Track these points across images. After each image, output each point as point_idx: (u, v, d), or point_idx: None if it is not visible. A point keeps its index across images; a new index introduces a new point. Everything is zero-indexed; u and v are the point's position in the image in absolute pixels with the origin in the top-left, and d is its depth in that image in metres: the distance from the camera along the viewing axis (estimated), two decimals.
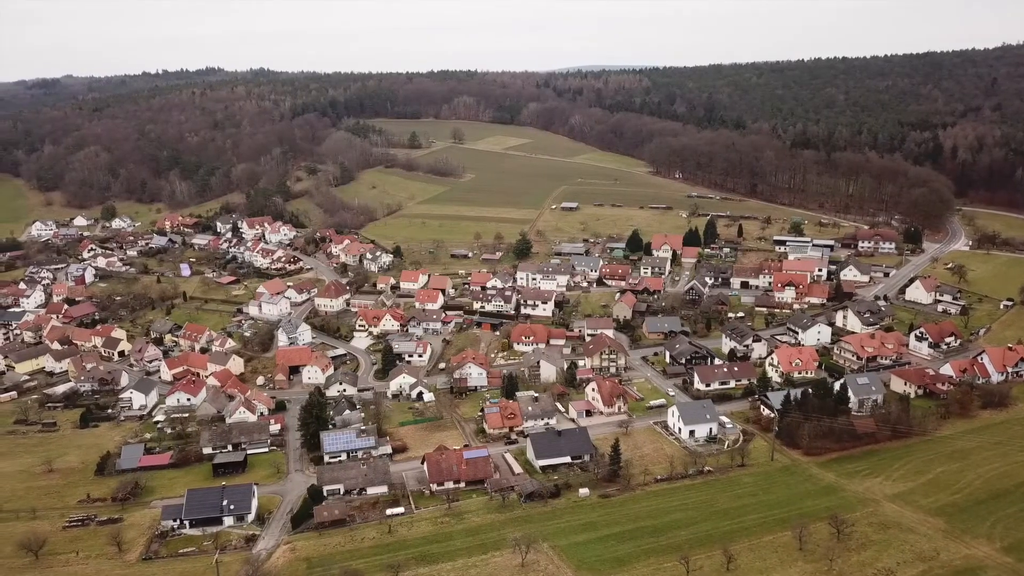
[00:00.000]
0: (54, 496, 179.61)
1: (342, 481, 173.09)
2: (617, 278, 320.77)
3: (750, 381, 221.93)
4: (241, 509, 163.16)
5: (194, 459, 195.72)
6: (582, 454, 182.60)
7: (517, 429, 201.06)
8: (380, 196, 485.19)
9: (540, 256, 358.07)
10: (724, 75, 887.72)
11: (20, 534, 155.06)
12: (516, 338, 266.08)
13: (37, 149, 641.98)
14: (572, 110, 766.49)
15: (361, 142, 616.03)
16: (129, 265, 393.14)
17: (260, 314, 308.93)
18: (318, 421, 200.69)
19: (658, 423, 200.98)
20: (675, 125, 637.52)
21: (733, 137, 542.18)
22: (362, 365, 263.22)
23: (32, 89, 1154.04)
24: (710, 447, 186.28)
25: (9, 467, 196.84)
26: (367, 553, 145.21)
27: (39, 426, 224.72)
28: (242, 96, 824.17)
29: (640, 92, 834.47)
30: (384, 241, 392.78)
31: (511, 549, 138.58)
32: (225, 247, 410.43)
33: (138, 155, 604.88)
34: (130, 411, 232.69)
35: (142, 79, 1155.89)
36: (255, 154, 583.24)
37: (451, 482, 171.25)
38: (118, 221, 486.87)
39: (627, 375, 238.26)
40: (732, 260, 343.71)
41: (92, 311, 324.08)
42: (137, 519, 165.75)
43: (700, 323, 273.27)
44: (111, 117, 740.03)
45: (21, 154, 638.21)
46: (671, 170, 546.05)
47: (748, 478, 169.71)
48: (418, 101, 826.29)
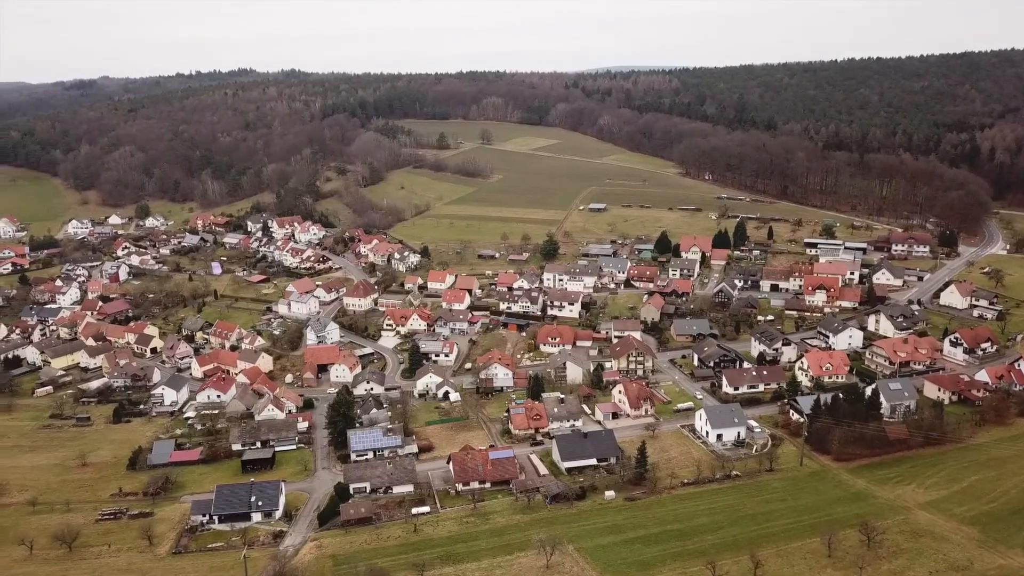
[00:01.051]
0: (87, 490, 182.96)
1: (368, 479, 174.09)
2: (645, 280, 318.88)
3: (779, 385, 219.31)
4: (269, 505, 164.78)
5: (223, 455, 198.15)
6: (608, 456, 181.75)
7: (543, 430, 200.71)
8: (408, 196, 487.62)
9: (567, 257, 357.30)
10: (755, 75, 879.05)
11: (55, 526, 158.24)
12: (542, 339, 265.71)
13: (74, 149, 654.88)
14: (601, 111, 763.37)
15: (390, 143, 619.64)
16: (162, 263, 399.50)
17: (289, 313, 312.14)
18: (345, 419, 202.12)
19: (685, 426, 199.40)
20: (705, 126, 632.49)
21: (764, 138, 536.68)
22: (389, 364, 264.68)
23: (70, 90, 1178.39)
24: (738, 451, 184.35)
25: (45, 460, 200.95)
26: (392, 551, 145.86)
27: (74, 420, 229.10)
28: (273, 97, 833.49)
29: (670, 93, 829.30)
30: (412, 241, 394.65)
31: (536, 550, 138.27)
32: (255, 246, 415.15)
33: (171, 155, 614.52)
34: (161, 407, 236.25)
35: (176, 80, 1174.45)
36: (286, 154, 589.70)
37: (476, 482, 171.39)
38: (151, 220, 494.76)
39: (654, 378, 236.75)
40: (762, 263, 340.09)
41: (126, 308, 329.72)
42: (167, 513, 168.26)
43: (729, 326, 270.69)
44: (145, 117, 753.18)
45: (59, 154, 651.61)
46: (701, 171, 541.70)
47: (776, 483, 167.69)
48: (447, 102, 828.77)
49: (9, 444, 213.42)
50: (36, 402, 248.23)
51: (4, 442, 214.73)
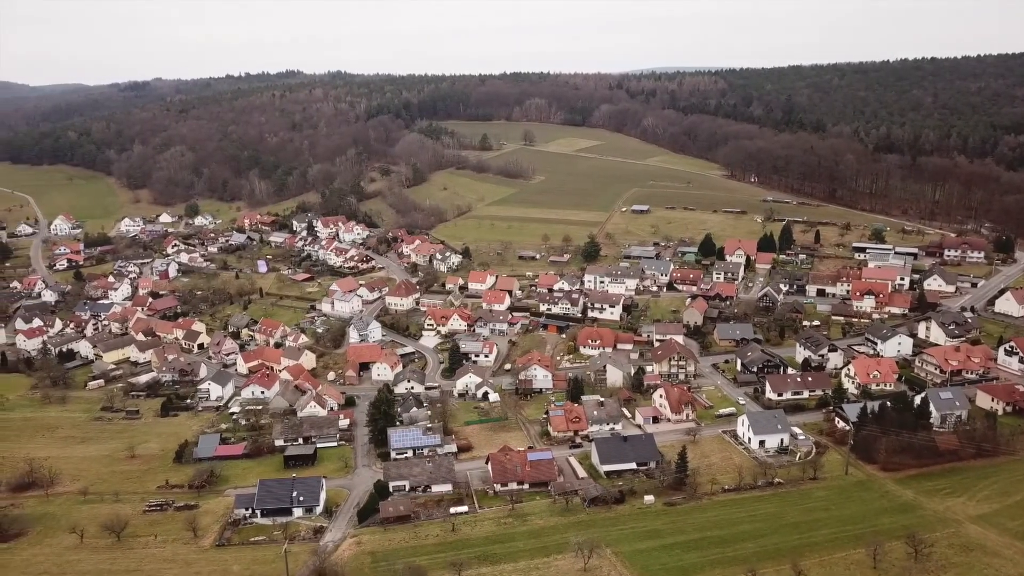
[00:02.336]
0: (135, 481, 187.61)
1: (408, 478, 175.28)
2: (688, 283, 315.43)
3: (824, 392, 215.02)
4: (310, 501, 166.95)
5: (266, 450, 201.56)
6: (648, 461, 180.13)
7: (582, 433, 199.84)
8: (451, 197, 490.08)
9: (609, 259, 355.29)
10: (804, 76, 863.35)
11: (104, 516, 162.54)
12: (582, 341, 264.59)
13: (127, 149, 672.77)
14: (645, 112, 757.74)
15: (433, 144, 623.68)
16: (210, 261, 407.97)
17: (332, 311, 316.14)
18: (386, 417, 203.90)
19: (727, 432, 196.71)
20: (751, 128, 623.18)
21: (812, 140, 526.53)
22: (430, 363, 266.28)
23: (124, 91, 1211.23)
24: (781, 458, 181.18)
25: (95, 452, 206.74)
26: (430, 550, 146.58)
27: (123, 413, 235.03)
28: (319, 98, 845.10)
29: (715, 94, 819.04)
30: (453, 242, 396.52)
31: (574, 553, 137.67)
32: (300, 245, 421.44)
33: (220, 155, 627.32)
34: (207, 402, 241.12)
35: (226, 81, 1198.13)
36: (331, 155, 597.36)
37: (515, 483, 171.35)
38: (200, 219, 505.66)
39: (696, 382, 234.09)
40: (808, 267, 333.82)
41: (174, 304, 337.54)
42: (212, 506, 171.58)
43: (773, 331, 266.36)
44: (196, 118, 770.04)
45: (113, 153, 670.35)
46: (746, 174, 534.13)
47: (820, 492, 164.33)
48: (490, 103, 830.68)
49: (62, 435, 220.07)
50: (88, 395, 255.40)
51: (58, 433, 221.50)
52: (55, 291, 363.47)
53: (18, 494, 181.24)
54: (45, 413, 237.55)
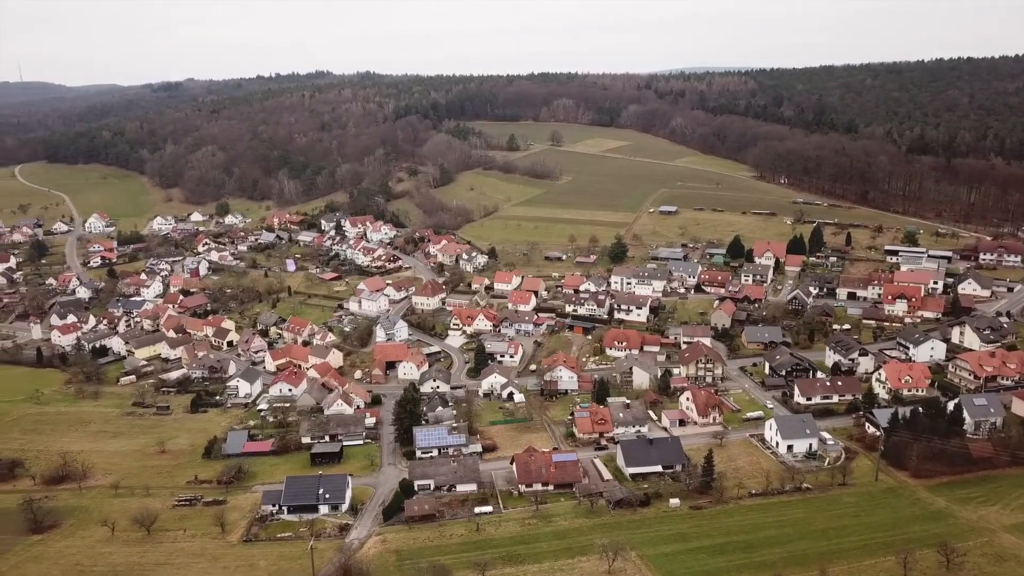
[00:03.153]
0: (165, 476, 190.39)
1: (433, 477, 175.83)
2: (716, 285, 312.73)
3: (855, 397, 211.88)
4: (336, 499, 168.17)
5: (293, 448, 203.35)
6: (674, 464, 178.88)
7: (607, 435, 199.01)
8: (477, 198, 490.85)
9: (636, 260, 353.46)
10: (836, 76, 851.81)
11: (134, 510, 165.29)
12: (609, 343, 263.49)
13: (160, 148, 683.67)
14: (673, 112, 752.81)
15: (461, 144, 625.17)
16: (239, 259, 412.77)
17: (360, 310, 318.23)
18: (411, 416, 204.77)
19: (755, 436, 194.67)
20: (781, 128, 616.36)
21: (844, 141, 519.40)
22: (455, 363, 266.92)
23: (157, 92, 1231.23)
24: (809, 463, 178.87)
25: (126, 446, 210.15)
26: (455, 549, 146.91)
27: (154, 409, 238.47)
28: (348, 98, 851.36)
29: (745, 94, 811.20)
30: (480, 242, 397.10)
31: (598, 555, 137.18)
32: (328, 244, 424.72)
33: (251, 155, 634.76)
34: (236, 399, 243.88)
35: (256, 82, 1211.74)
36: (359, 155, 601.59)
37: (539, 484, 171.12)
38: (230, 217, 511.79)
39: (723, 385, 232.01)
40: (839, 270, 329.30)
41: (205, 302, 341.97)
42: (239, 502, 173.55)
43: (802, 334, 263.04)
44: (227, 118, 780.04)
45: (146, 153, 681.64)
46: (776, 175, 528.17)
47: (849, 498, 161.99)
48: (518, 103, 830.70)
49: (95, 429, 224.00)
50: (120, 390, 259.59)
51: (90, 427, 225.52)
52: (89, 288, 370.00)
53: (52, 487, 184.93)
54: (79, 408, 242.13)
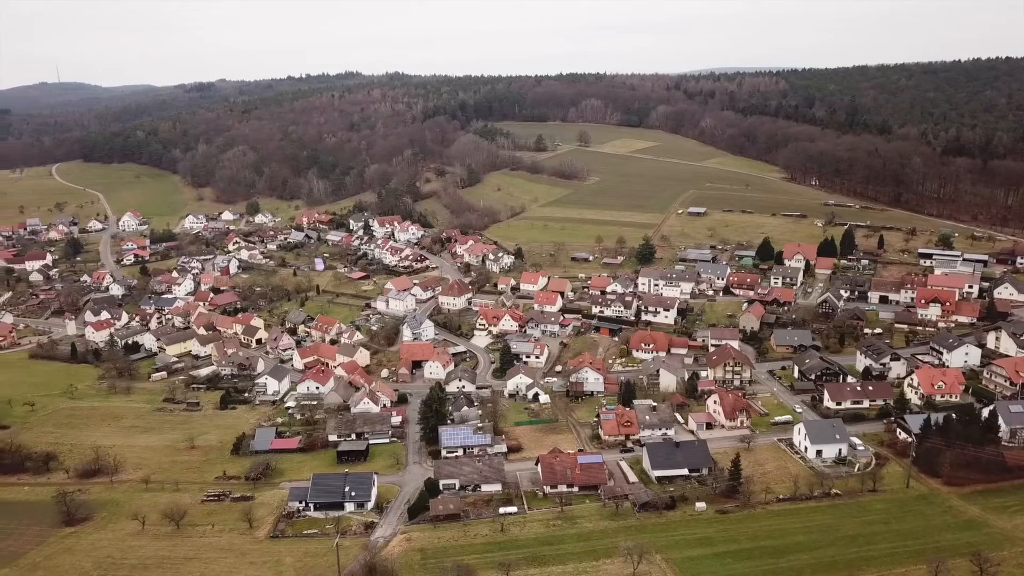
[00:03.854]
0: (194, 471, 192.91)
1: (458, 476, 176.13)
2: (745, 287, 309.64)
3: (886, 402, 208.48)
4: (362, 496, 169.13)
5: (320, 445, 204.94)
6: (700, 467, 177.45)
7: (633, 437, 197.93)
8: (504, 198, 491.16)
9: (664, 262, 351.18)
10: (869, 77, 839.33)
11: (164, 504, 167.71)
12: (635, 345, 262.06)
13: (192, 148, 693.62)
14: (703, 113, 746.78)
15: (488, 144, 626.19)
16: (269, 258, 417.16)
17: (387, 309, 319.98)
18: (437, 416, 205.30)
19: (783, 440, 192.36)
20: (813, 129, 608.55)
21: (877, 142, 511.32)
22: (481, 363, 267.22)
23: (190, 92, 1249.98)
24: (838, 469, 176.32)
25: (157, 441, 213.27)
26: (479, 549, 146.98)
27: (184, 405, 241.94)
28: (377, 99, 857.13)
29: (776, 95, 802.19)
30: (506, 242, 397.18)
31: (623, 558, 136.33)
32: (357, 244, 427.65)
33: (281, 154, 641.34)
34: (264, 396, 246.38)
35: (287, 83, 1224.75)
36: (388, 155, 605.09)
37: (564, 485, 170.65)
38: (260, 216, 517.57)
39: (751, 389, 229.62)
40: (871, 273, 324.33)
41: (234, 300, 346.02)
42: (267, 498, 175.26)
43: (833, 338, 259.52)
44: (258, 119, 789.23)
45: (178, 152, 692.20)
46: (807, 176, 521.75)
47: (880, 504, 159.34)
48: (546, 104, 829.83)
49: (127, 424, 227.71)
50: (151, 386, 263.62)
51: (122, 422, 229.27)
52: (122, 285, 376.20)
53: (85, 480, 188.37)
54: (111, 403, 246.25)
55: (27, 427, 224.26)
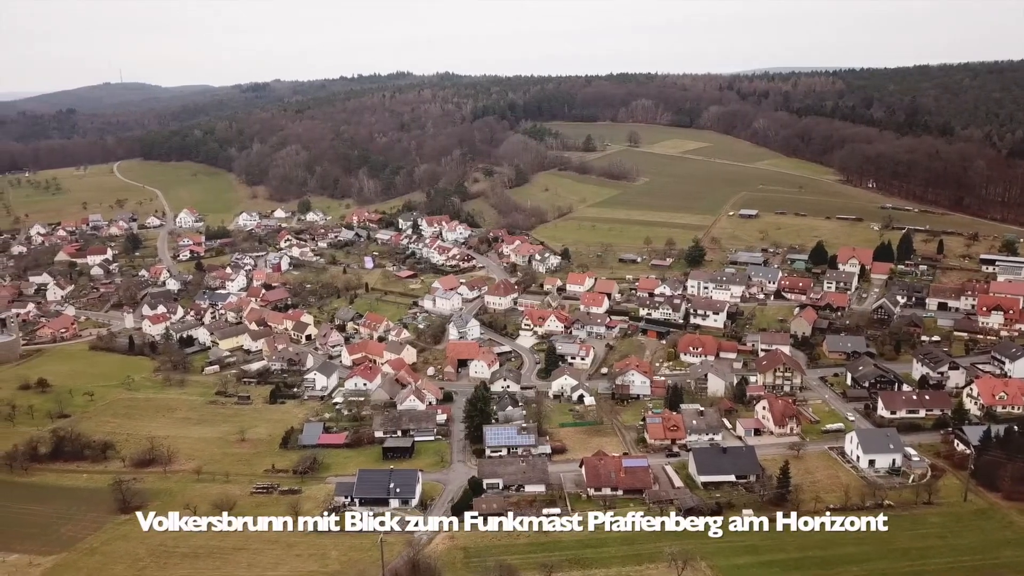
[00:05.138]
0: (244, 464, 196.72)
1: (501, 476, 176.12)
2: (797, 291, 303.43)
3: (943, 412, 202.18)
4: (406, 493, 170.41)
5: (366, 441, 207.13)
6: (748, 474, 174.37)
7: (679, 442, 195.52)
8: (552, 198, 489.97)
9: (713, 264, 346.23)
10: (931, 76, 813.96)
11: (215, 495, 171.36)
12: (683, 348, 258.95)
13: (247, 147, 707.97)
14: (756, 114, 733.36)
15: (537, 145, 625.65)
16: (319, 256, 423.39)
17: (434, 308, 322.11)
18: (482, 415, 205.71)
19: (834, 448, 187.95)
20: (870, 131, 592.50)
21: (938, 144, 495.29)
22: (526, 363, 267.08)
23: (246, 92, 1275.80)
24: (892, 479, 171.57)
25: (210, 434, 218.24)
26: (522, 550, 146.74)
27: (235, 399, 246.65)
28: (427, 99, 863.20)
29: (832, 95, 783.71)
30: (553, 243, 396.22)
31: (667, 563, 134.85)
32: (405, 243, 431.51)
33: (332, 154, 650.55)
34: (313, 391, 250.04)
35: (340, 83, 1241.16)
36: (437, 155, 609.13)
37: (608, 488, 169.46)
38: (312, 215, 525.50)
39: (802, 395, 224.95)
40: (929, 279, 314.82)
41: (285, 296, 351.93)
42: (313, 492, 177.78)
43: (888, 345, 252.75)
44: (311, 118, 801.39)
45: (234, 151, 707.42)
46: (863, 179, 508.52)
47: (935, 518, 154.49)
48: (595, 104, 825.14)
49: (181, 416, 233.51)
50: (204, 379, 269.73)
51: (176, 414, 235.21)
52: (178, 280, 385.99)
53: (140, 469, 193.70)
54: (166, 395, 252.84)
55: (87, 416, 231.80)
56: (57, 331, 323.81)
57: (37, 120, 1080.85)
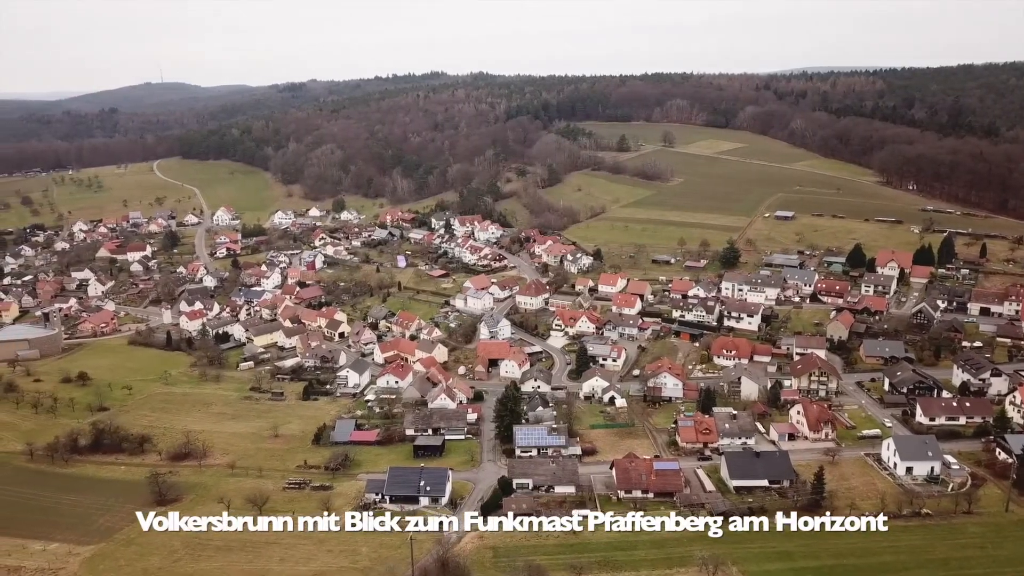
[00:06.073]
0: (277, 459, 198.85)
1: (531, 476, 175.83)
2: (834, 295, 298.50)
3: (984, 419, 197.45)
4: (436, 491, 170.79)
5: (397, 439, 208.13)
6: (781, 479, 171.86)
7: (712, 445, 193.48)
8: (584, 198, 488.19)
9: (748, 266, 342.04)
10: (975, 76, 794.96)
11: (248, 489, 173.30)
12: (716, 351, 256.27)
13: (283, 146, 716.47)
14: (793, 114, 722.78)
15: (570, 144, 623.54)
16: (353, 254, 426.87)
17: (465, 307, 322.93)
18: (512, 414, 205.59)
19: (870, 455, 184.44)
20: (911, 131, 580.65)
21: (982, 146, 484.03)
22: (556, 364, 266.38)
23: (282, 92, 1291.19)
24: (930, 488, 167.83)
25: (243, 428, 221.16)
26: (551, 551, 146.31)
27: (269, 395, 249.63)
28: (461, 99, 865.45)
29: (873, 95, 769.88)
30: (585, 243, 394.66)
31: (697, 567, 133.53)
32: (438, 242, 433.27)
33: (366, 153, 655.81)
34: (345, 388, 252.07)
35: (374, 83, 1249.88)
36: (470, 155, 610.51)
37: (639, 491, 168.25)
38: (346, 213, 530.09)
39: (838, 400, 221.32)
40: (971, 283, 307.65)
41: (319, 294, 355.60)
42: (344, 488, 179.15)
43: (927, 350, 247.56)
44: (346, 118, 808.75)
45: (270, 150, 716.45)
46: (903, 181, 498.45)
47: (975, 527, 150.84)
48: (629, 104, 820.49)
49: (216, 411, 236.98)
50: (239, 375, 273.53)
51: (212, 409, 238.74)
52: (215, 277, 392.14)
53: (176, 463, 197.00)
54: (202, 390, 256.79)
55: (125, 410, 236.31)
56: (97, 326, 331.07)
57: (81, 119, 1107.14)
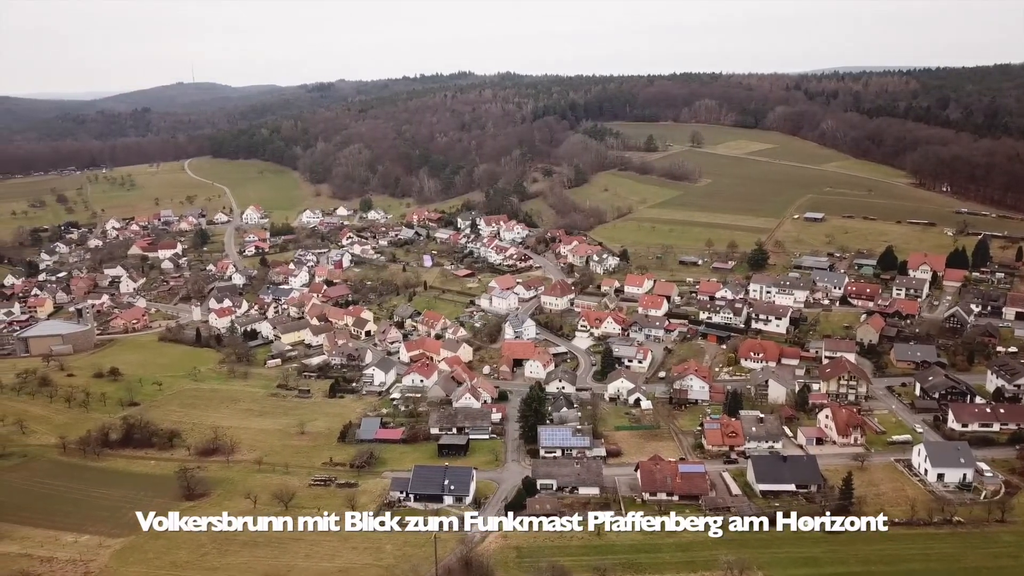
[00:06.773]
0: (303, 456, 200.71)
1: (556, 477, 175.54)
2: (864, 298, 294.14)
3: (1019, 426, 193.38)
4: (460, 491, 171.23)
5: (422, 437, 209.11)
6: (808, 483, 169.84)
7: (738, 449, 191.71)
8: (611, 199, 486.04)
9: (777, 268, 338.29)
10: (1012, 76, 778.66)
11: (274, 486, 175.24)
12: (744, 353, 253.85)
13: (312, 146, 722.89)
14: (824, 114, 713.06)
15: (597, 145, 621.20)
16: (380, 254, 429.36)
17: (490, 307, 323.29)
18: (536, 415, 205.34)
19: (900, 461, 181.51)
20: (946, 132, 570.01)
21: (1019, 147, 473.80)
22: (581, 365, 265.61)
23: (311, 92, 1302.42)
24: (962, 495, 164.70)
25: (270, 425, 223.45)
26: (575, 552, 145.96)
27: (296, 392, 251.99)
28: (488, 99, 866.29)
29: (906, 95, 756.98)
30: (611, 244, 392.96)
31: (722, 572, 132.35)
32: (464, 242, 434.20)
33: (394, 153, 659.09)
34: (371, 386, 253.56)
35: (402, 83, 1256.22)
36: (496, 155, 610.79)
37: (664, 494, 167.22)
38: (373, 213, 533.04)
39: (867, 405, 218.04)
40: (1007, 287, 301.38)
41: (346, 293, 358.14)
42: (369, 486, 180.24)
43: (960, 355, 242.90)
44: (373, 118, 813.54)
45: (299, 150, 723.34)
46: (937, 182, 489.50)
47: (1008, 536, 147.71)
48: (657, 104, 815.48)
49: (243, 408, 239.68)
50: (267, 372, 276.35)
51: (239, 405, 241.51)
52: (244, 275, 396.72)
53: (204, 458, 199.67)
54: (230, 386, 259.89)
55: (155, 405, 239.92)
56: (129, 322, 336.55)
57: (115, 119, 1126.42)
